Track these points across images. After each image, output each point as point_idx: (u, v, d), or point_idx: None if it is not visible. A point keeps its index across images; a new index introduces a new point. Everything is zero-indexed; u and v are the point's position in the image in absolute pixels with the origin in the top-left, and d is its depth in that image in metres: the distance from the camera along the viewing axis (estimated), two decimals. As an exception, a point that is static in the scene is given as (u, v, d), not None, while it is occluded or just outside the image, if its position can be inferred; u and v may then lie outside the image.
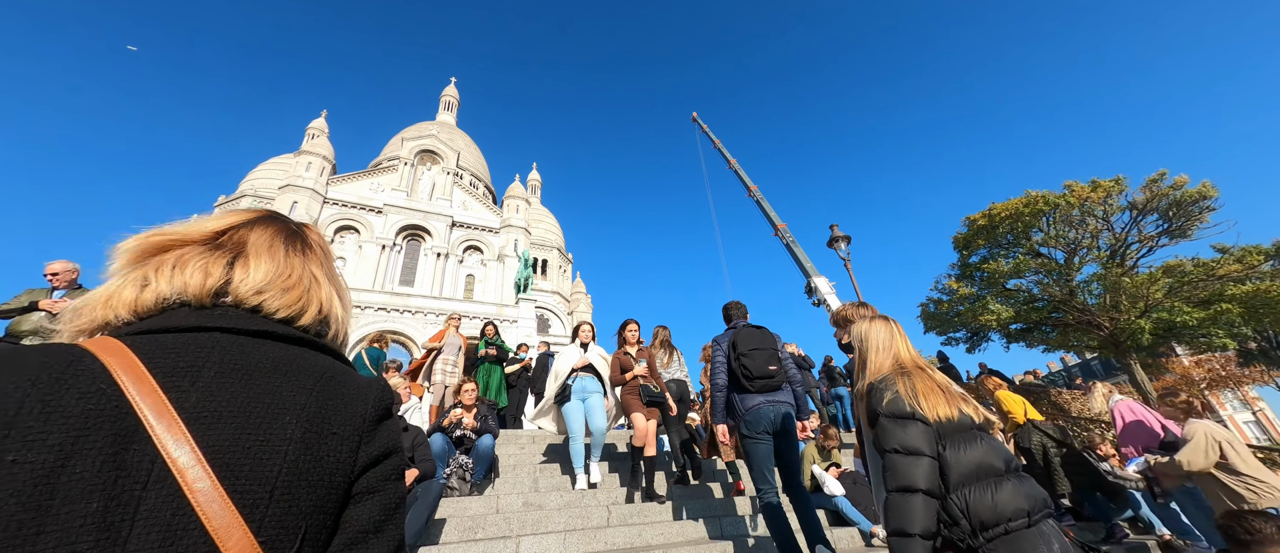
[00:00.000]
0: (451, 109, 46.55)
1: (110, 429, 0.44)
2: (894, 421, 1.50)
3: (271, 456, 0.49)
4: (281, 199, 26.75)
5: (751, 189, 23.07)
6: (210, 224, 0.63)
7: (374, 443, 0.58)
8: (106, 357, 0.47)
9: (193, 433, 0.46)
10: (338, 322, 0.67)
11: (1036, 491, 1.37)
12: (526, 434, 7.10)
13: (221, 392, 0.50)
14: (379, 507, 0.56)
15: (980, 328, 14.27)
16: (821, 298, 17.22)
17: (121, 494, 0.42)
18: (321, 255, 0.70)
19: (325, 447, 0.53)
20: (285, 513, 0.48)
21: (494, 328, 8.18)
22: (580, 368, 4.57)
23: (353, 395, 0.58)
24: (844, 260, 14.48)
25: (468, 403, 4.85)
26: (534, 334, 25.53)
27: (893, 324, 1.75)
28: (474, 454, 4.54)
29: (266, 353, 0.56)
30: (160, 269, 0.56)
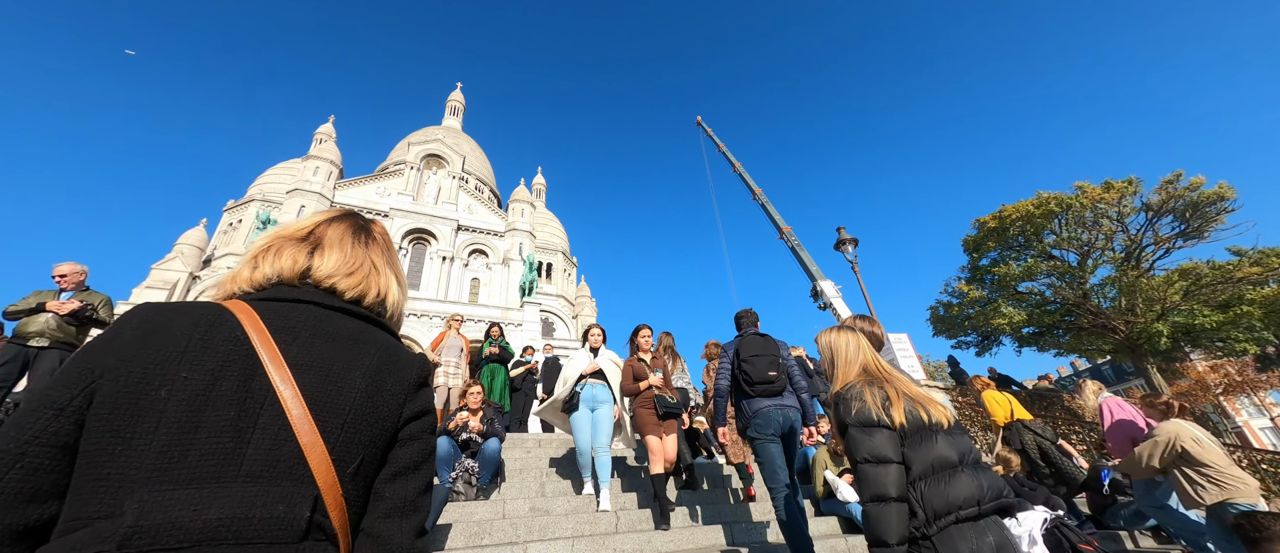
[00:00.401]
0: (457, 114, 46.85)
1: (242, 364, 0.63)
2: (861, 430, 1.56)
3: (345, 399, 0.67)
4: (289, 203, 26.94)
5: (756, 192, 22.91)
6: (305, 224, 0.84)
7: (415, 402, 0.75)
8: (239, 314, 0.66)
9: (294, 374, 0.64)
10: (393, 303, 0.85)
11: (993, 481, 1.44)
12: (533, 437, 7.01)
13: (313, 348, 0.69)
14: (418, 450, 0.73)
15: (992, 332, 14.06)
16: (827, 301, 17.01)
17: (248, 408, 0.60)
18: (383, 246, 0.87)
19: (381, 398, 0.70)
20: (351, 441, 0.65)
21: (499, 329, 8.12)
22: (590, 374, 4.23)
23: (403, 365, 0.76)
24: (851, 263, 14.29)
25: (473, 406, 4.76)
26: (539, 338, 25.46)
27: (858, 334, 1.83)
28: (480, 458, 4.45)
29: (344, 324, 0.74)
30: (266, 256, 0.77)
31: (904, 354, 12.61)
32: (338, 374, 0.68)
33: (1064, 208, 12.66)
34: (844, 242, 14.28)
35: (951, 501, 1.39)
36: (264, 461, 0.59)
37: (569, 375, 4.30)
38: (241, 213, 33.38)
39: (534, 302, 26.94)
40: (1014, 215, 13.31)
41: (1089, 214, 12.62)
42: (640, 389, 3.99)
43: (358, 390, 0.68)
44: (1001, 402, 5.14)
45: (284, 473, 0.59)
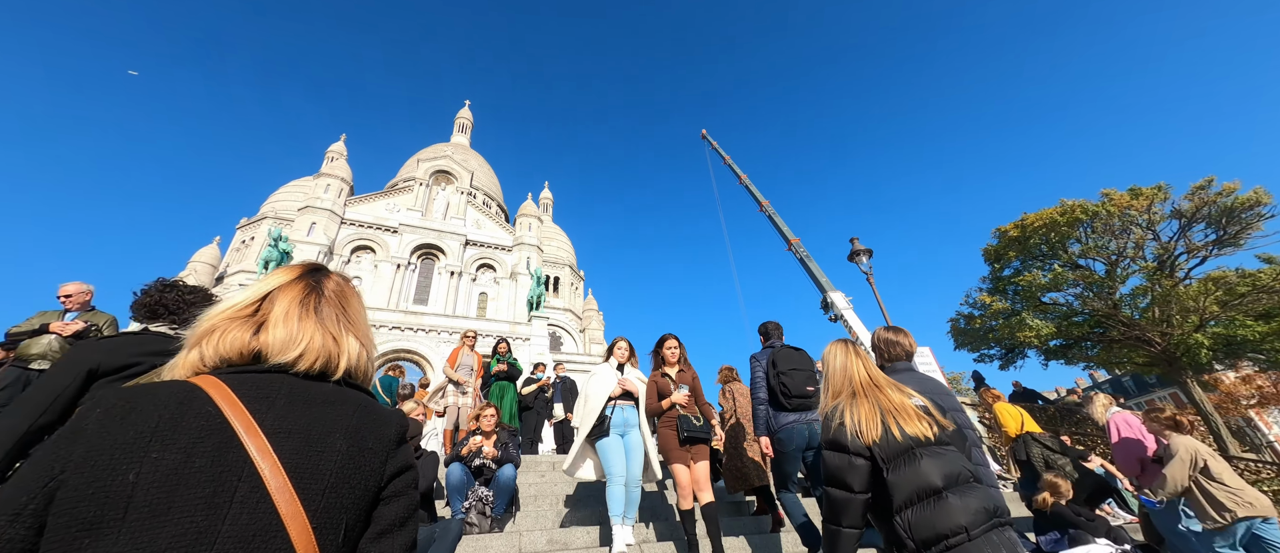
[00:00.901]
0: (465, 131, 47.51)
1: (216, 439, 0.61)
2: (831, 452, 1.56)
3: (326, 463, 0.66)
4: (300, 220, 27.17)
5: (763, 204, 22.87)
6: (248, 299, 0.79)
7: (397, 459, 0.75)
8: (210, 388, 0.66)
9: (271, 443, 0.63)
10: (354, 366, 0.81)
11: (980, 503, 1.37)
12: (547, 460, 6.68)
13: (290, 415, 0.68)
14: (402, 507, 0.73)
15: (1017, 344, 13.49)
16: (839, 313, 16.66)
17: (224, 484, 0.59)
18: (337, 305, 0.84)
19: (362, 459, 0.70)
20: (332, 506, 0.64)
21: (506, 344, 7.85)
22: (618, 396, 3.67)
23: (383, 421, 0.76)
24: (866, 275, 13.96)
25: (487, 429, 4.47)
26: (547, 352, 25.17)
27: (847, 346, 1.80)
28: (494, 486, 4.14)
29: (320, 389, 0.74)
30: (210, 340, 0.74)
31: (928, 369, 12.18)
32: (318, 438, 0.67)
33: (1090, 216, 12.22)
34: (858, 252, 14.01)
35: (939, 529, 1.34)
36: (240, 536, 0.57)
37: (593, 396, 3.69)
38: (254, 231, 33.76)
39: (541, 316, 26.73)
40: (1037, 224, 12.87)
41: (1116, 222, 12.18)
42: (664, 409, 3.51)
43: (339, 452, 0.67)
44: (1013, 414, 5.17)
45: (260, 547, 0.58)
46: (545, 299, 28.76)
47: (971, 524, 1.33)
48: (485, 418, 4.50)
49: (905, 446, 1.48)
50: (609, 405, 3.62)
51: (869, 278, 13.65)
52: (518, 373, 7.78)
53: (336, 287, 0.87)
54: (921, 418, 1.54)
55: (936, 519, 1.35)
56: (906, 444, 1.48)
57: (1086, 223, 12.58)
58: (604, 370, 3.82)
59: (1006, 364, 14.73)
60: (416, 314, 24.70)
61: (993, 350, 14.71)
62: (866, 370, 1.72)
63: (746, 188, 24.67)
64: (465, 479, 4.10)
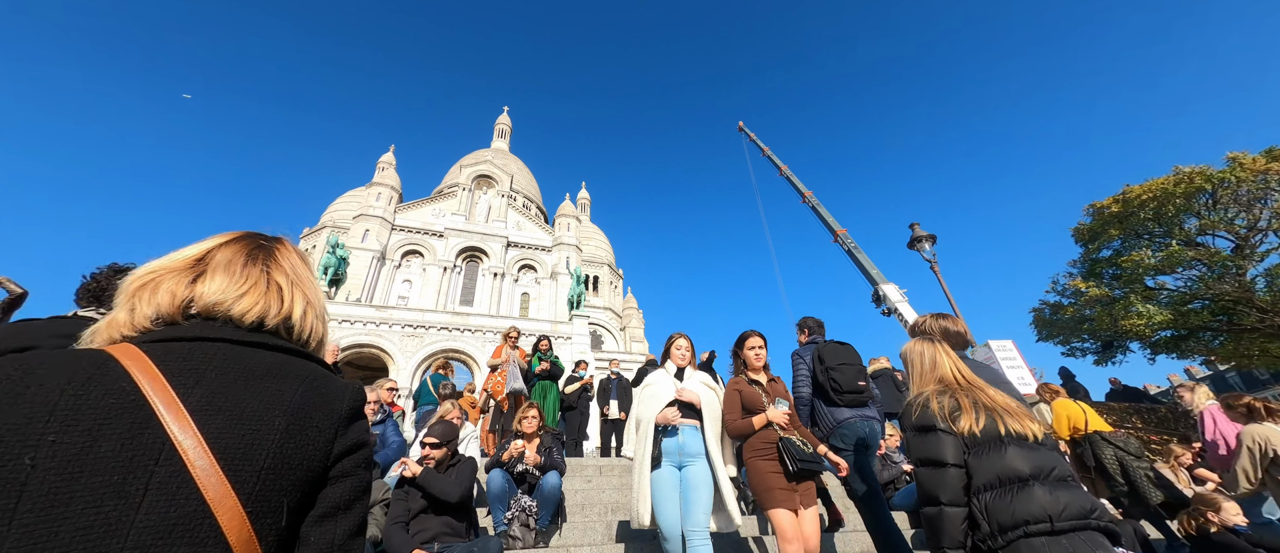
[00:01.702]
0: (505, 136, 48.76)
1: (129, 418, 0.54)
2: (918, 434, 1.54)
3: (261, 442, 0.58)
4: (355, 228, 28.78)
5: (805, 195, 22.02)
6: (192, 251, 0.74)
7: (348, 436, 0.67)
8: (126, 361, 0.58)
9: (196, 422, 0.56)
10: (303, 324, 0.74)
11: (1072, 500, 1.30)
12: (593, 464, 6.32)
13: (221, 390, 0.60)
14: (350, 488, 0.66)
15: (1119, 335, 11.66)
16: (892, 307, 15.59)
17: (137, 468, 0.52)
18: (288, 265, 0.77)
19: (306, 437, 0.62)
20: (269, 489, 0.58)
21: (547, 342, 7.59)
22: (673, 409, 2.75)
23: (332, 395, 0.68)
24: (929, 262, 12.82)
25: (528, 431, 4.12)
26: (588, 350, 25.17)
27: (940, 346, 1.74)
28: (538, 495, 3.77)
29: (260, 359, 0.66)
30: (143, 294, 0.68)
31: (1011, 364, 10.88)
32: (253, 415, 0.60)
33: (1214, 184, 10.29)
34: (919, 239, 12.88)
35: (1017, 515, 1.30)
36: (157, 527, 0.51)
37: (645, 417, 2.77)
38: (316, 239, 36.20)
39: (582, 314, 26.76)
40: (1144, 196, 10.99)
41: (1247, 190, 10.21)
42: (754, 428, 2.61)
43: (277, 431, 0.60)
44: (1073, 411, 4.69)
45: (182, 537, 0.52)
46: (585, 298, 28.80)
47: (1058, 516, 1.27)
48: (527, 420, 4.14)
49: (996, 434, 1.45)
50: (664, 428, 2.71)
51: (933, 266, 12.49)
52: (560, 372, 7.50)
53: (291, 251, 0.81)
54: (1032, 418, 1.50)
55: (1016, 505, 1.31)
56: (1005, 436, 1.45)
57: (1208, 193, 10.64)
58: (658, 379, 2.92)
59: (1104, 359, 12.84)
60: (463, 315, 25.42)
61: (1086, 343, 12.88)
62: (957, 368, 1.65)
63: (788, 179, 23.60)
64: (507, 487, 3.76)
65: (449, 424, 3.51)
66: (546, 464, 3.92)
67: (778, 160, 24.26)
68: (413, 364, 22.72)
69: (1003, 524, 1.30)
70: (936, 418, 1.51)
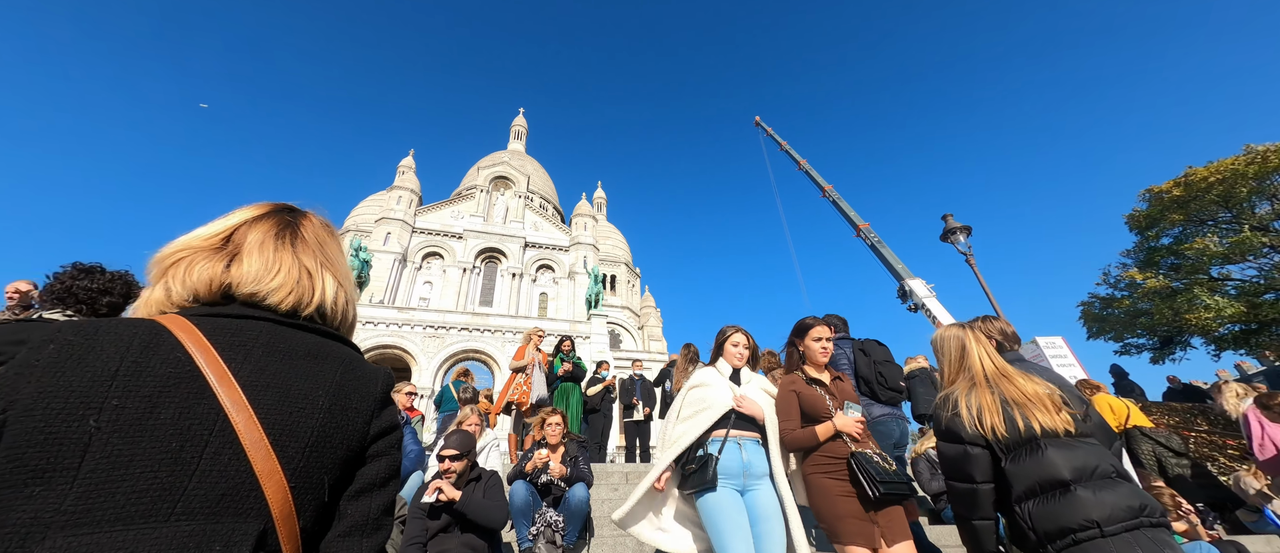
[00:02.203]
0: (520, 137, 49.05)
1: (186, 388, 0.55)
2: (945, 444, 1.50)
3: (306, 420, 0.61)
4: (377, 231, 29.28)
5: (826, 189, 21.54)
6: (220, 228, 0.72)
7: (382, 418, 0.70)
8: (179, 331, 0.59)
9: (247, 396, 0.57)
10: (333, 307, 0.74)
11: (1121, 500, 1.24)
12: (618, 470, 6.02)
13: (268, 367, 0.62)
14: (385, 466, 0.69)
15: (1181, 330, 10.71)
16: (919, 302, 14.99)
17: (194, 437, 0.53)
18: (315, 244, 0.76)
19: (346, 417, 0.65)
20: (312, 465, 0.60)
21: (570, 343, 7.33)
22: (727, 417, 2.24)
23: (368, 379, 0.71)
24: (965, 255, 12.15)
25: (552, 440, 3.85)
26: (607, 350, 24.99)
27: (969, 332, 1.66)
28: (565, 509, 3.49)
29: (302, 340, 0.68)
30: (175, 272, 0.67)
31: (1062, 361, 10.15)
32: (298, 394, 0.62)
33: (1292, 162, 9.34)
34: (953, 230, 12.25)
35: (1063, 523, 1.24)
36: (208, 495, 0.52)
37: (692, 418, 2.25)
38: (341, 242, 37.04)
39: (600, 314, 26.59)
40: (1210, 178, 10.03)
41: (1330, 169, 9.22)
42: (817, 439, 2.10)
43: (321, 409, 0.62)
44: (1118, 408, 4.61)
45: (229, 508, 0.53)
46: (603, 297, 28.64)
47: (1106, 520, 1.21)
48: (550, 428, 3.86)
49: (1028, 436, 1.39)
50: (716, 439, 2.18)
51: (968, 259, 11.85)
52: (583, 374, 7.24)
53: (317, 226, 0.79)
54: (1058, 409, 1.41)
55: (1061, 512, 1.24)
56: (1030, 435, 1.39)
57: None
58: (710, 380, 2.36)
59: (1161, 356, 11.86)
60: (482, 315, 25.57)
61: (1141, 339, 11.91)
62: (990, 359, 1.57)
63: (807, 173, 23.02)
64: (531, 501, 3.49)
65: (467, 434, 3.25)
66: (573, 476, 3.63)
67: (796, 155, 23.68)
68: (434, 365, 22.92)
69: (1049, 533, 1.26)
70: (964, 426, 1.44)
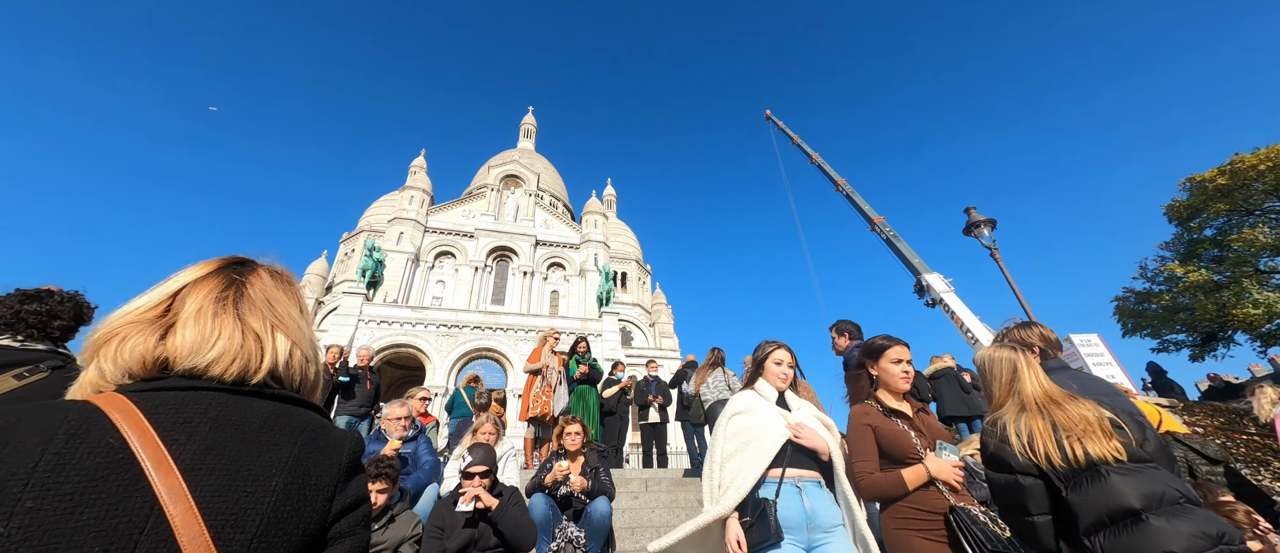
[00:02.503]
0: (530, 136, 49.10)
1: (116, 479, 0.49)
2: (996, 474, 1.43)
3: (255, 505, 0.54)
4: (390, 231, 29.55)
5: (839, 183, 21.22)
6: (158, 297, 0.67)
7: (347, 493, 0.64)
8: (114, 413, 0.53)
9: (187, 482, 0.52)
10: (290, 369, 0.69)
11: (1197, 527, 1.17)
12: (637, 477, 5.84)
13: (216, 446, 0.56)
14: (348, 549, 0.62)
15: (1225, 325, 10.13)
16: (937, 297, 14.60)
17: (121, 538, 0.48)
18: (264, 306, 0.70)
19: (304, 497, 0.58)
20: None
21: (586, 344, 7.16)
22: (782, 452, 1.86)
23: (332, 448, 0.64)
24: (989, 249, 11.72)
25: (572, 448, 3.69)
26: (619, 348, 24.87)
27: (1021, 355, 1.57)
28: (586, 523, 3.33)
29: (257, 410, 0.61)
30: (107, 350, 0.61)
31: (1098, 361, 9.73)
32: (248, 475, 0.56)
33: (1351, 147, 8.73)
34: (976, 224, 11.86)
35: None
36: None
37: (747, 461, 1.84)
38: (354, 243, 37.53)
39: (612, 312, 26.46)
40: (1260, 165, 9.42)
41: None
42: (906, 488, 1.68)
43: (273, 491, 0.56)
44: (1149, 413, 4.34)
45: None
46: (614, 295, 28.52)
47: (1186, 550, 1.14)
48: (569, 436, 3.70)
49: (1088, 464, 1.30)
50: (769, 480, 1.79)
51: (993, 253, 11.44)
52: (599, 376, 7.07)
53: (264, 281, 0.73)
54: (1110, 436, 1.33)
55: (1136, 545, 1.17)
56: (1089, 463, 1.30)
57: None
58: (754, 407, 1.98)
59: (1201, 353, 11.28)
60: (494, 314, 25.63)
61: (1180, 335, 11.33)
62: (1040, 383, 1.50)
63: (820, 167, 22.55)
64: (551, 514, 3.34)
65: (490, 448, 3.09)
66: (594, 488, 3.46)
67: (808, 149, 23.23)
68: (448, 363, 23.06)
69: None
70: (1015, 454, 1.38)
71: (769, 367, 2.11)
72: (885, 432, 1.81)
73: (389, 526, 2.60)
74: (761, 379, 2.11)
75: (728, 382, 5.31)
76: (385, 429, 3.76)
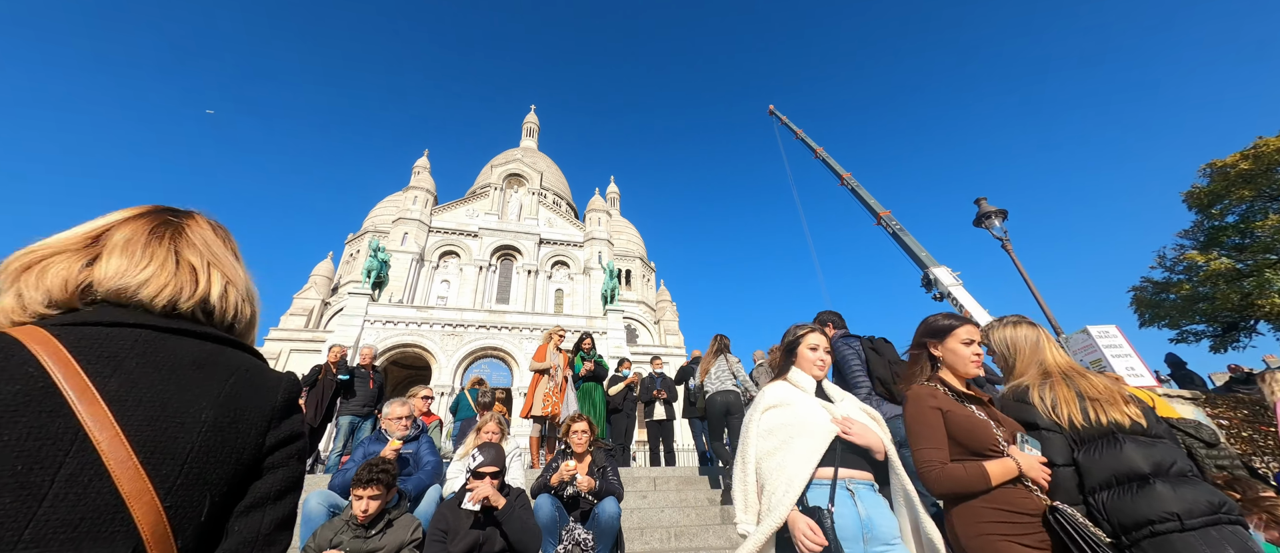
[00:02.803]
0: (533, 135, 49.02)
1: (37, 407, 0.50)
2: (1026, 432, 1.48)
3: (185, 435, 0.55)
4: (395, 232, 29.56)
5: (844, 177, 21.13)
6: (86, 228, 0.66)
7: (281, 429, 0.65)
8: (34, 345, 0.53)
9: (113, 412, 0.52)
10: (224, 303, 0.68)
11: (1201, 496, 1.25)
12: (645, 475, 5.71)
13: (142, 380, 0.56)
14: (281, 478, 0.64)
15: (1248, 315, 9.82)
16: (945, 290, 14.44)
17: (43, 459, 0.49)
18: (202, 246, 0.70)
19: (237, 430, 0.60)
20: (195, 482, 0.54)
21: (591, 341, 7.04)
22: (831, 450, 1.60)
23: (267, 387, 0.65)
24: (1001, 240, 11.54)
25: (579, 448, 3.56)
26: (624, 346, 24.76)
27: (1040, 329, 1.68)
28: (594, 525, 3.20)
29: (187, 348, 0.61)
30: (29, 277, 0.60)
31: (1116, 352, 9.46)
32: (177, 408, 0.56)
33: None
34: (987, 215, 11.71)
35: (1143, 515, 1.23)
36: (64, 520, 0.48)
37: (788, 460, 1.57)
38: (359, 244, 37.63)
39: (617, 309, 26.35)
40: None
41: None
42: (988, 483, 1.42)
43: (204, 424, 0.57)
44: (1141, 397, 4.17)
45: (90, 532, 0.48)
46: (619, 293, 28.39)
47: (1187, 514, 1.21)
48: (576, 435, 3.57)
49: (1107, 430, 1.38)
50: (817, 482, 1.54)
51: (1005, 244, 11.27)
52: (605, 373, 6.95)
53: (202, 225, 0.73)
54: (1127, 403, 1.42)
55: (1139, 505, 1.24)
56: (1109, 428, 1.38)
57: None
58: (791, 399, 1.73)
59: (1222, 344, 10.98)
60: (499, 313, 25.59)
61: (1199, 326, 11.04)
62: (1059, 355, 1.59)
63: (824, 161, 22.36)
64: (557, 516, 3.21)
65: (498, 448, 2.97)
66: (602, 489, 3.32)
67: (812, 143, 23.03)
68: (454, 363, 23.05)
69: (1125, 524, 1.26)
70: (1039, 415, 1.46)
71: (803, 353, 1.85)
72: (958, 418, 1.52)
73: (386, 531, 2.48)
74: (795, 368, 1.85)
75: (733, 370, 5.16)
76: (386, 429, 3.65)
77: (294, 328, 27.96)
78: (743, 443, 1.71)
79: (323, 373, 6.30)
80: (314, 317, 31.75)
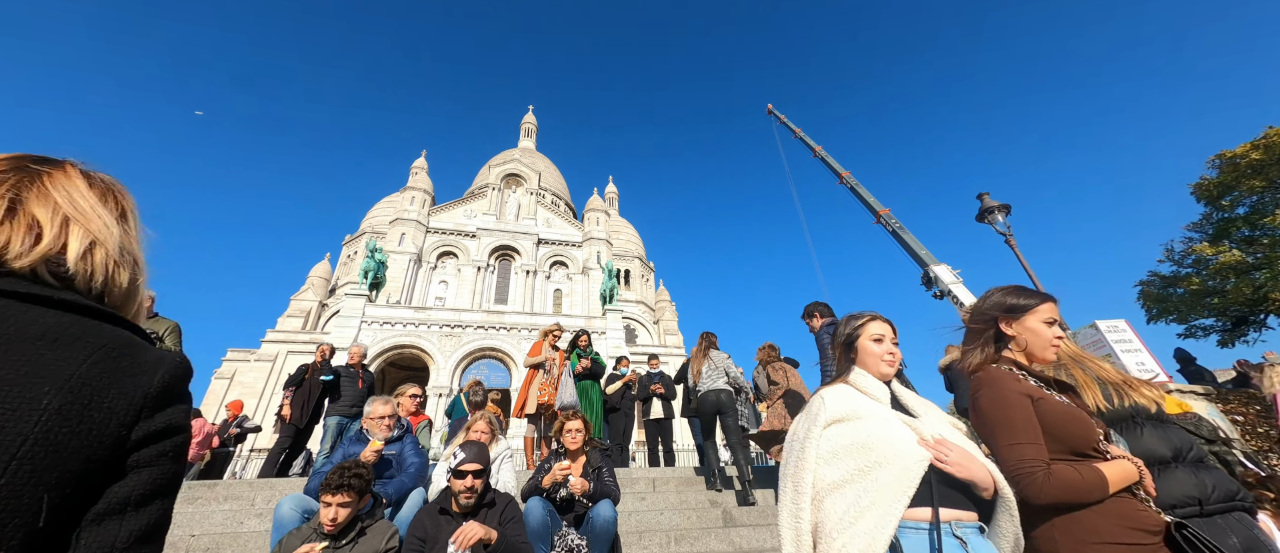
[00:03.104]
0: (531, 135, 48.87)
1: None
2: None
3: (19, 423, 0.48)
4: (392, 232, 29.36)
5: (843, 175, 21.11)
6: None
7: (154, 421, 0.56)
8: None
9: None
10: (86, 265, 0.59)
11: (1217, 482, 1.24)
12: (643, 476, 5.50)
13: None
14: (146, 482, 0.54)
15: (1258, 308, 9.61)
16: (945, 288, 14.30)
17: None
18: (63, 197, 0.61)
19: (91, 419, 0.51)
20: (25, 482, 0.46)
21: (587, 337, 6.83)
22: (928, 481, 1.14)
23: (138, 370, 0.56)
24: (1004, 235, 11.32)
25: (572, 447, 3.35)
26: (623, 346, 24.59)
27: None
28: (588, 529, 2.99)
29: (35, 320, 0.53)
30: None
31: (1126, 346, 9.23)
32: (14, 391, 0.49)
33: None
34: (990, 210, 11.48)
35: (1162, 498, 1.19)
36: None
37: (848, 504, 1.12)
38: (356, 245, 37.42)
39: (615, 309, 26.18)
40: None
41: None
42: (1105, 489, 1.14)
43: (46, 410, 0.49)
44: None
45: None
46: (618, 293, 28.21)
47: (1206, 499, 1.19)
48: (569, 434, 3.36)
49: (1128, 413, 1.36)
50: (911, 524, 1.11)
51: (1008, 239, 11.05)
52: (602, 370, 6.75)
53: (70, 176, 0.62)
54: (1151, 387, 1.41)
55: (1161, 488, 1.20)
56: (1129, 412, 1.36)
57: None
58: (856, 406, 1.28)
59: (1232, 338, 10.78)
60: (498, 313, 25.41)
61: (1208, 320, 10.82)
62: (1067, 343, 1.45)
63: (823, 160, 22.24)
64: (549, 520, 2.99)
65: (481, 446, 2.76)
66: (597, 491, 3.11)
67: (811, 142, 22.91)
68: (452, 363, 22.85)
69: None
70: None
71: (866, 347, 1.38)
72: (1053, 409, 1.22)
73: (358, 540, 2.27)
74: (857, 368, 1.37)
75: (724, 366, 4.98)
76: (367, 429, 3.44)
77: (291, 330, 27.73)
78: (795, 466, 1.25)
79: (309, 372, 6.09)
80: (311, 318, 31.50)
